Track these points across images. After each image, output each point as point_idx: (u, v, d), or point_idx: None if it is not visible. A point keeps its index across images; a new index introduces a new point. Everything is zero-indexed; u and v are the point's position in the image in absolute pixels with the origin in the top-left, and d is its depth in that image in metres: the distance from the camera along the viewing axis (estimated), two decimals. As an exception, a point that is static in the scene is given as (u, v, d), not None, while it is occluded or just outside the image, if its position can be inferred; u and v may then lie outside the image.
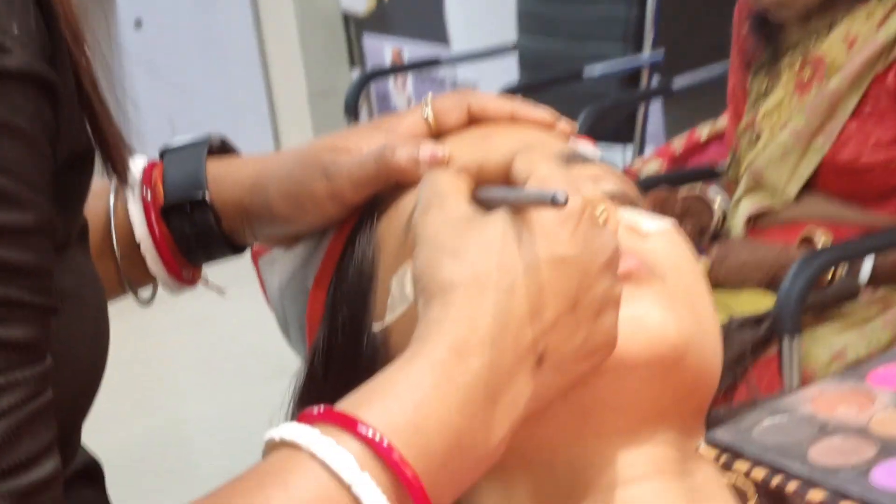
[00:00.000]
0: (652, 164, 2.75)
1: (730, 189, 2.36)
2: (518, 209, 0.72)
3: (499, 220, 0.71)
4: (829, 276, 2.10)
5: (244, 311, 2.95)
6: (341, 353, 0.84)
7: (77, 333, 0.69)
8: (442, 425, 0.66)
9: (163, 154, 0.93)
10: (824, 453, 0.71)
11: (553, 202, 0.68)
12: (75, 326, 0.69)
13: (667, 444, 0.78)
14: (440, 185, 0.75)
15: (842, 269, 2.11)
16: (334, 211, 0.86)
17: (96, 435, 3.20)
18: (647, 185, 2.49)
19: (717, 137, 2.73)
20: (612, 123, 2.36)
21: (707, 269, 2.21)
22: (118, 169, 0.70)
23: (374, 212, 0.86)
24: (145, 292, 0.93)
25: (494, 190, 0.75)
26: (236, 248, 0.93)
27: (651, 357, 0.76)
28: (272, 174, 0.88)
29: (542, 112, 0.89)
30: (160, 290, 0.94)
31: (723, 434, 0.71)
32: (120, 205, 0.91)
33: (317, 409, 0.67)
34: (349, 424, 0.65)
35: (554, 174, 0.73)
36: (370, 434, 0.64)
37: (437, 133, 0.88)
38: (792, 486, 0.70)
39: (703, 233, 2.35)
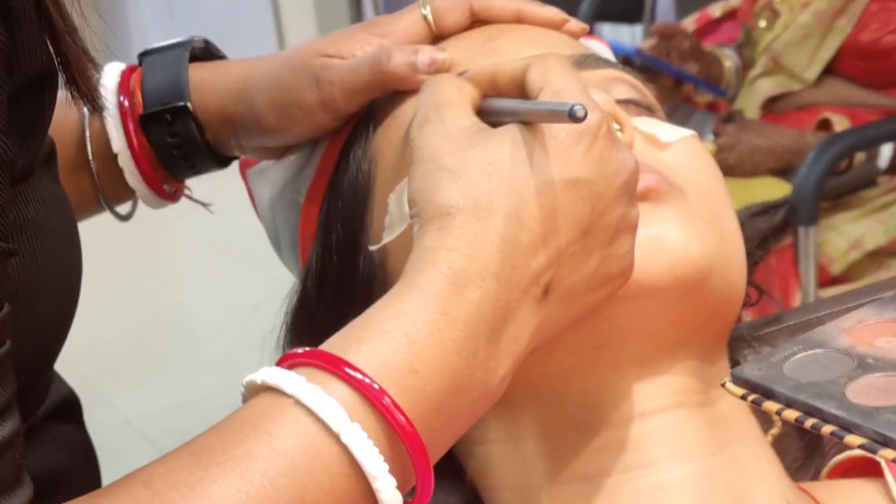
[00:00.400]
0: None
1: (744, 70, 2.28)
2: (529, 124, 0.64)
3: (507, 136, 0.64)
4: (847, 163, 2.03)
5: (244, 196, 2.90)
6: (335, 274, 0.78)
7: (43, 270, 0.63)
8: (437, 365, 0.60)
9: (141, 58, 0.85)
10: (864, 392, 0.65)
11: (570, 116, 0.61)
12: (41, 262, 0.62)
13: (687, 373, 0.72)
14: (442, 93, 0.68)
15: (860, 155, 2.04)
16: (326, 121, 0.79)
17: (98, 320, 3.18)
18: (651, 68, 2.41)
19: (730, 15, 2.63)
20: (619, 1, 2.28)
21: (716, 154, 2.14)
22: (81, 90, 0.62)
23: (370, 122, 0.79)
24: (124, 208, 0.86)
25: (504, 102, 0.68)
26: (221, 161, 0.86)
27: (672, 280, 0.70)
28: (259, 81, 0.81)
29: (550, 11, 0.81)
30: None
31: (751, 370, 0.64)
32: (96, 116, 0.83)
33: (302, 350, 0.60)
34: (337, 366, 0.59)
35: (572, 86, 0.65)
36: (359, 377, 0.58)
37: (437, 35, 0.81)
38: (828, 429, 0.63)
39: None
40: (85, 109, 0.83)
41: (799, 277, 1.96)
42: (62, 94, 0.65)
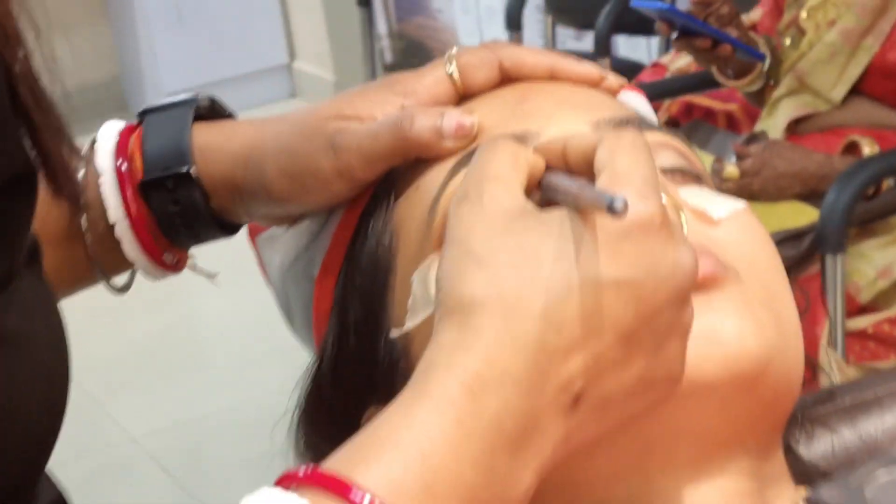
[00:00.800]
0: (681, 59, 2.59)
1: (768, 91, 2.22)
2: (581, 210, 0.58)
3: (551, 224, 0.58)
4: (874, 188, 1.97)
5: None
6: (354, 359, 0.72)
7: (25, 379, 0.57)
8: (453, 482, 0.55)
9: (141, 116, 0.79)
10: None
11: (609, 210, 0.54)
12: (23, 371, 0.56)
13: (741, 474, 0.66)
14: (491, 165, 0.61)
15: (888, 180, 1.97)
16: (342, 189, 0.73)
17: (104, 336, 3.11)
18: (675, 88, 2.35)
19: (750, 29, 2.57)
20: (635, 13, 2.22)
21: (740, 179, 2.07)
22: (62, 189, 0.56)
23: (391, 191, 0.72)
24: (121, 279, 0.80)
25: (563, 179, 0.61)
26: (227, 229, 0.80)
27: (728, 376, 0.63)
28: (269, 146, 0.74)
29: (586, 68, 0.75)
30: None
31: (829, 495, 0.58)
32: (91, 178, 0.77)
33: (303, 470, 0.55)
34: (344, 492, 0.53)
35: (635, 169, 0.59)
36: (367, 502, 0.53)
37: (464, 94, 0.74)
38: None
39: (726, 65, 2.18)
40: (80, 172, 0.77)
41: (826, 307, 1.89)
42: None
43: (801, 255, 1.91)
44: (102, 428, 3.14)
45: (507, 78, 0.74)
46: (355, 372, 0.71)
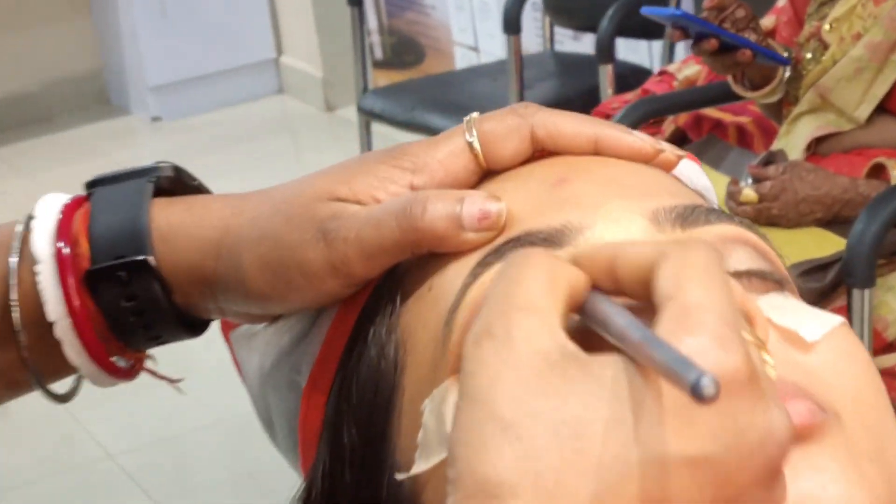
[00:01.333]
0: (689, 68, 2.45)
1: (785, 105, 2.08)
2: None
3: (604, 379, 0.44)
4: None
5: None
6: (349, 499, 0.58)
7: None
8: None
9: (90, 189, 0.64)
10: None
11: (693, 393, 0.40)
12: None
13: None
14: (522, 287, 0.47)
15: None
16: (336, 287, 0.59)
17: None
18: (686, 101, 2.21)
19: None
20: (639, 16, 2.08)
21: (758, 203, 1.93)
22: None
23: (396, 291, 0.58)
24: (63, 385, 0.65)
25: (615, 311, 0.47)
26: (194, 327, 0.65)
27: None
28: (246, 231, 0.60)
29: (637, 140, 0.60)
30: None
31: None
32: (26, 264, 0.62)
33: None
34: None
35: (711, 307, 0.44)
36: None
37: (488, 170, 0.60)
38: None
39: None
40: (11, 260, 0.62)
41: (852, 344, 1.76)
42: None
43: (826, 287, 1.78)
44: (78, 444, 3.01)
45: (539, 151, 0.60)
46: None
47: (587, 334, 0.49)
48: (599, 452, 0.43)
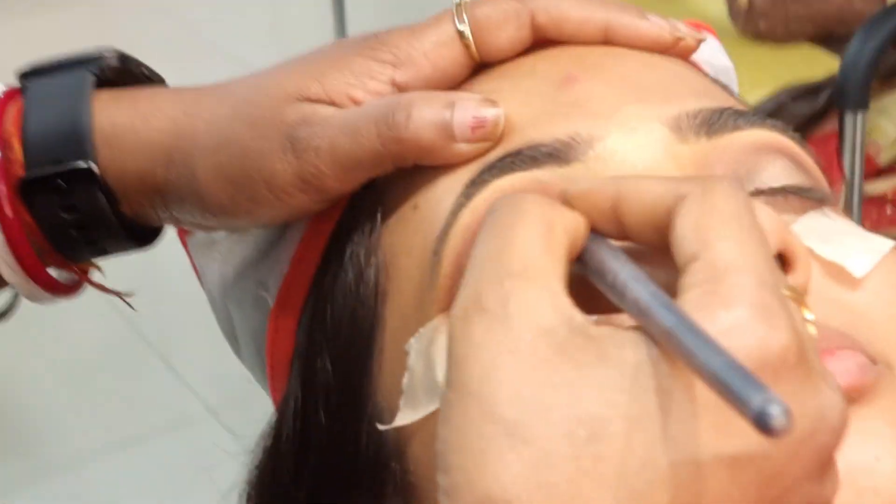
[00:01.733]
0: None
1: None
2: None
3: (625, 365, 0.36)
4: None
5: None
6: (323, 444, 0.51)
7: None
8: None
9: (23, 82, 0.55)
10: None
11: (757, 422, 0.33)
12: None
13: None
14: (516, 246, 0.39)
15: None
16: (306, 202, 0.51)
17: (43, 349, 2.66)
18: None
19: None
20: None
21: (744, 14, 1.84)
22: None
23: (377, 207, 0.50)
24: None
25: (625, 269, 0.39)
26: (144, 238, 0.57)
27: None
28: (202, 135, 0.51)
29: (654, 26, 0.52)
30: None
31: None
32: None
33: None
34: None
35: (747, 271, 0.36)
36: None
37: (481, 63, 0.52)
38: None
39: None
40: None
41: (842, 169, 1.69)
42: None
43: (817, 111, 1.70)
44: (50, 448, 2.74)
45: (541, 39, 0.52)
46: (326, 463, 0.51)
47: (587, 283, 0.41)
48: (622, 457, 0.36)
